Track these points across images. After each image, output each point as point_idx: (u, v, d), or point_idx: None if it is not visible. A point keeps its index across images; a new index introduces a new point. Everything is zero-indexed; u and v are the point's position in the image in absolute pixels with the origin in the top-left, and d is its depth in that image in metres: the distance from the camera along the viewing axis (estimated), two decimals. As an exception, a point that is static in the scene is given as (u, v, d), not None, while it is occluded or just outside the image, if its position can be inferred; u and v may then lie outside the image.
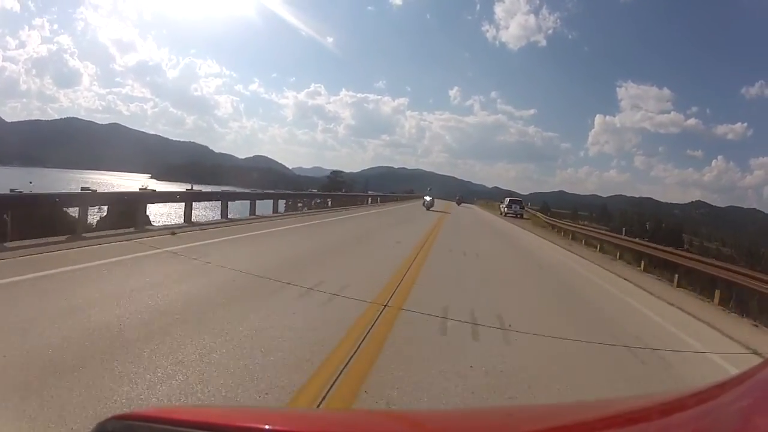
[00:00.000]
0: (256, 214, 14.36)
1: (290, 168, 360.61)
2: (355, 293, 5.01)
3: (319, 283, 5.30)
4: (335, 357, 3.22)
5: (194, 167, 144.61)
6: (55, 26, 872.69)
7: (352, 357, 3.25)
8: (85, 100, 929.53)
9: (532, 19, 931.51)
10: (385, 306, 4.70)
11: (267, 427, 0.57)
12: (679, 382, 3.64)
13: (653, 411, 0.72)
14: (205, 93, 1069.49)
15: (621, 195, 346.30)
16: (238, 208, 15.42)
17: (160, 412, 0.64)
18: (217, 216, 12.68)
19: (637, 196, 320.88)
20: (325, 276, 5.70)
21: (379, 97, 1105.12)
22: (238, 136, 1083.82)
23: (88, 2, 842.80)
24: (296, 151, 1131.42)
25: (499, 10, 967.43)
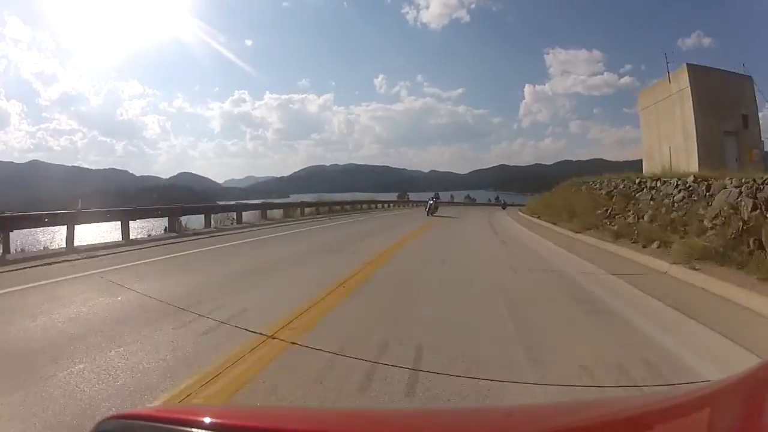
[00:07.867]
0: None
1: (220, 182, 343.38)
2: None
3: None
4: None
5: (104, 195, 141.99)
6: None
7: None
8: (17, 141, 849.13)
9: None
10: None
11: (267, 426, 0.59)
12: None
13: (653, 411, 0.73)
14: (131, 116, 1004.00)
15: (567, 160, 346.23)
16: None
17: (158, 412, 0.67)
18: None
19: (584, 159, 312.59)
20: None
21: (304, 95, 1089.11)
22: (169, 156, 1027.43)
23: (8, 37, 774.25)
24: (229, 163, 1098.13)
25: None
